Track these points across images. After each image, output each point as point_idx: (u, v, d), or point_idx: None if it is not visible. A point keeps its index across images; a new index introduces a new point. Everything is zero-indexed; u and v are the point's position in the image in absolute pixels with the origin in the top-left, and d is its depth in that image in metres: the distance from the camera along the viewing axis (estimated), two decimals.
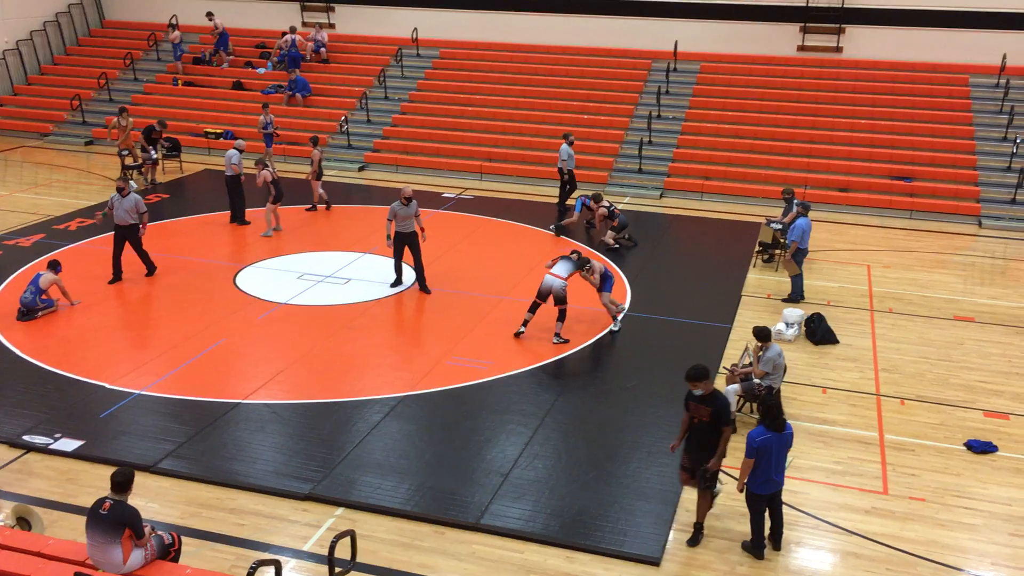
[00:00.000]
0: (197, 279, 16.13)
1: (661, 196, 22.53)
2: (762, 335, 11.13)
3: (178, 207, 20.45)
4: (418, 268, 15.71)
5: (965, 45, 24.91)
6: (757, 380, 11.22)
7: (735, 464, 9.96)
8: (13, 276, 16.01)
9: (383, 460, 10.58)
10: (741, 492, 8.94)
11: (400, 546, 9.13)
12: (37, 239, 17.98)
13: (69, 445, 10.76)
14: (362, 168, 24.54)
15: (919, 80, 24.92)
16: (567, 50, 27.68)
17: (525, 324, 13.98)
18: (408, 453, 10.78)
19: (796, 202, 16.90)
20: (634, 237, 18.73)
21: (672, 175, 23.12)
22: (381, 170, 24.47)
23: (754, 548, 9.04)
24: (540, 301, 13.86)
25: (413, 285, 15.89)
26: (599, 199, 18.79)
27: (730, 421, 8.92)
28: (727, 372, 12.01)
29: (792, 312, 14.37)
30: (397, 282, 15.90)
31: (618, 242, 18.53)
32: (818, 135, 23.71)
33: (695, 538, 9.25)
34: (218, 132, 25.89)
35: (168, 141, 23.45)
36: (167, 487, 10.09)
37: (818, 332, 14.06)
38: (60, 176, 23.20)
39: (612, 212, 18.66)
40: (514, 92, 26.39)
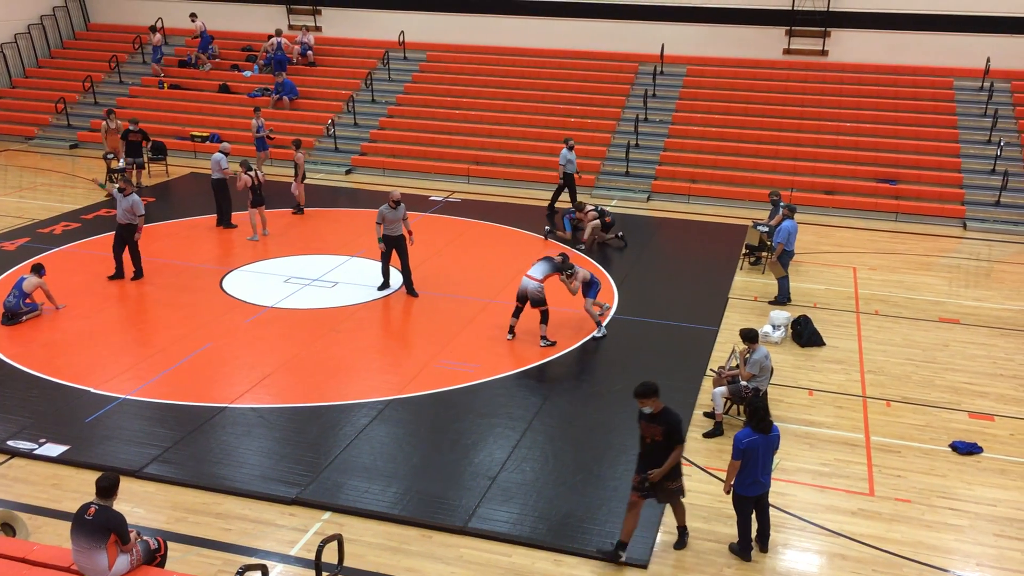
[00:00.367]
0: (183, 283, 16.07)
1: (648, 199, 22.58)
2: (749, 337, 11.18)
3: (164, 210, 20.37)
4: (405, 271, 15.69)
5: (949, 49, 25.09)
6: (744, 382, 11.26)
7: (721, 466, 10.00)
8: None
9: (370, 464, 10.56)
10: (728, 494, 8.96)
11: (387, 550, 9.11)
12: (22, 243, 17.87)
13: (54, 450, 10.70)
14: (349, 171, 24.50)
15: (904, 83, 25.06)
16: (554, 53, 27.72)
17: (512, 329, 13.98)
18: (395, 457, 10.76)
19: (782, 204, 16.96)
20: (625, 237, 18.79)
21: (659, 178, 23.18)
22: (368, 173, 24.44)
23: (741, 550, 9.06)
24: (520, 304, 13.87)
25: (400, 288, 15.87)
26: (582, 207, 18.82)
27: (682, 439, 8.61)
28: (714, 374, 12.06)
29: (779, 314, 14.42)
30: (384, 285, 15.87)
31: (608, 242, 18.57)
32: (804, 138, 23.81)
33: (681, 541, 9.26)
34: (204, 135, 25.80)
35: (148, 141, 23.02)
36: (153, 492, 10.04)
37: (804, 334, 14.11)
38: (45, 180, 23.07)
39: (602, 212, 18.72)
40: (501, 95, 26.39)
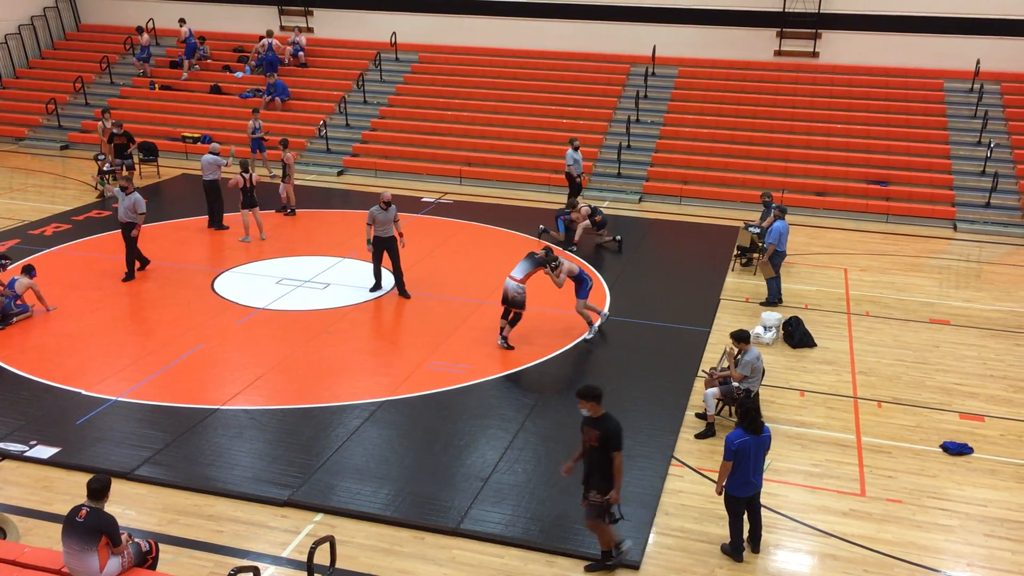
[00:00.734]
0: (175, 284, 16.03)
1: (640, 200, 22.61)
2: (741, 338, 11.21)
3: (155, 212, 20.26)
4: (397, 273, 15.68)
5: (940, 50, 25.21)
6: (736, 383, 11.29)
7: (713, 467, 10.02)
8: None
9: (362, 465, 10.55)
10: (720, 495, 8.98)
11: (380, 552, 9.11)
12: (12, 244, 17.79)
13: (45, 452, 10.67)
14: (341, 172, 24.47)
15: (894, 85, 25.16)
16: (546, 55, 27.75)
17: (502, 331, 13.94)
18: (387, 458, 10.76)
19: (773, 206, 17.00)
20: (621, 241, 18.73)
21: (651, 179, 23.22)
22: (360, 174, 24.42)
23: (733, 551, 9.08)
24: (505, 305, 13.86)
25: (392, 290, 15.86)
26: (575, 205, 18.83)
27: (619, 447, 8.29)
28: (706, 375, 12.09)
29: (770, 315, 14.47)
30: (376, 287, 15.87)
31: (604, 245, 18.59)
32: (795, 139, 23.89)
33: (602, 564, 8.85)
34: (195, 136, 25.75)
35: (133, 143, 22.91)
36: (144, 494, 10.01)
37: (796, 335, 14.16)
38: (36, 181, 22.99)
39: (594, 211, 18.76)
40: (493, 97, 26.39)
